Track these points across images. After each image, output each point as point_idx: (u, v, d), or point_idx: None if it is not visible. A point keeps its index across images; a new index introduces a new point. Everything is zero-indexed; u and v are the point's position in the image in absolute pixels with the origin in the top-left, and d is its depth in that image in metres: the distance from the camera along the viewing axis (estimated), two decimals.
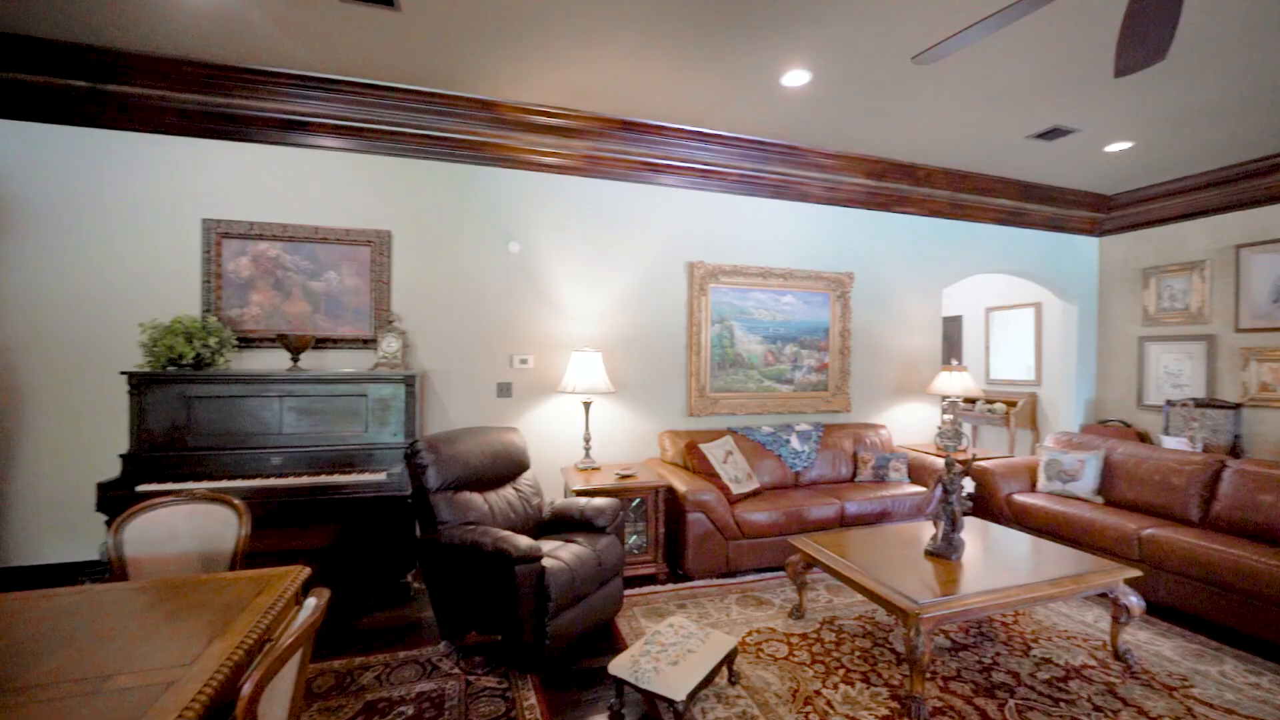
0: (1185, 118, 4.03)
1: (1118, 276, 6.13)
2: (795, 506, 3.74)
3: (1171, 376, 5.65)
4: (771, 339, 4.75)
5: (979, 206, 5.48)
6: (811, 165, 4.72)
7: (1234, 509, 3.27)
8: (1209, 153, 4.72)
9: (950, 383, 4.85)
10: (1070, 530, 3.61)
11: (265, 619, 1.58)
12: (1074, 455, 4.06)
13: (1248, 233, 5.15)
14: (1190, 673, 2.55)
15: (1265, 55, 3.20)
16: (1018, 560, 2.72)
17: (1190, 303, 5.52)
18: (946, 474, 2.86)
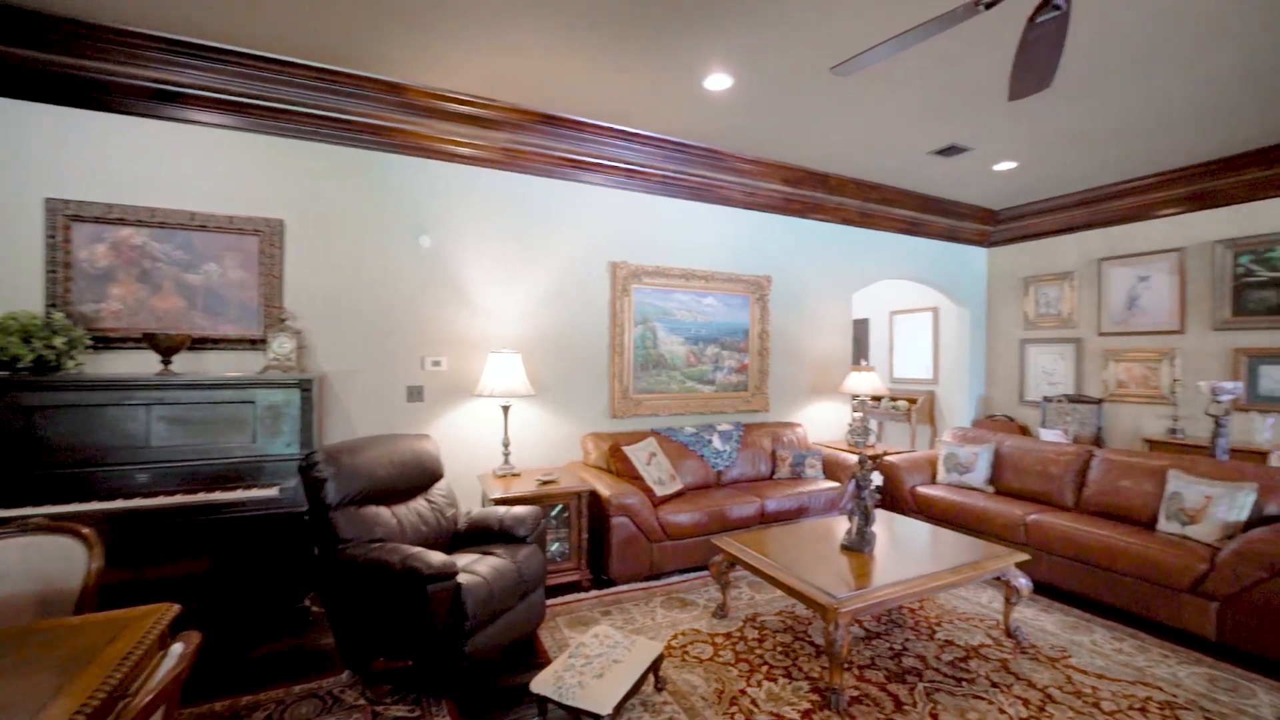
0: (1060, 143, 4.47)
1: (1003, 284, 6.73)
2: (718, 506, 3.78)
3: (1047, 375, 6.27)
4: (693, 340, 4.79)
5: (885, 216, 5.81)
6: (732, 170, 4.80)
7: (1101, 494, 3.65)
8: (1078, 175, 5.27)
9: (860, 382, 5.11)
10: (966, 518, 3.89)
11: (118, 672, 1.34)
12: (969, 449, 4.39)
13: (1108, 248, 5.81)
14: (1069, 644, 2.80)
15: (1128, 91, 3.59)
16: (924, 550, 2.88)
17: (1062, 309, 6.15)
18: (859, 471, 2.98)
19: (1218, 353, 5.07)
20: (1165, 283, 5.39)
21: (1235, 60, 3.25)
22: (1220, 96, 3.70)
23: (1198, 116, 4.03)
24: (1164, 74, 3.41)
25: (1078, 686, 2.43)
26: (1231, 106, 3.85)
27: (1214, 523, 2.98)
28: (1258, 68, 3.33)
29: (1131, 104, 3.81)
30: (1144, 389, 5.51)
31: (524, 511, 2.96)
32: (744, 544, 2.96)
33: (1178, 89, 3.59)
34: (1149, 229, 5.50)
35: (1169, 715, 2.25)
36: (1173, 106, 3.85)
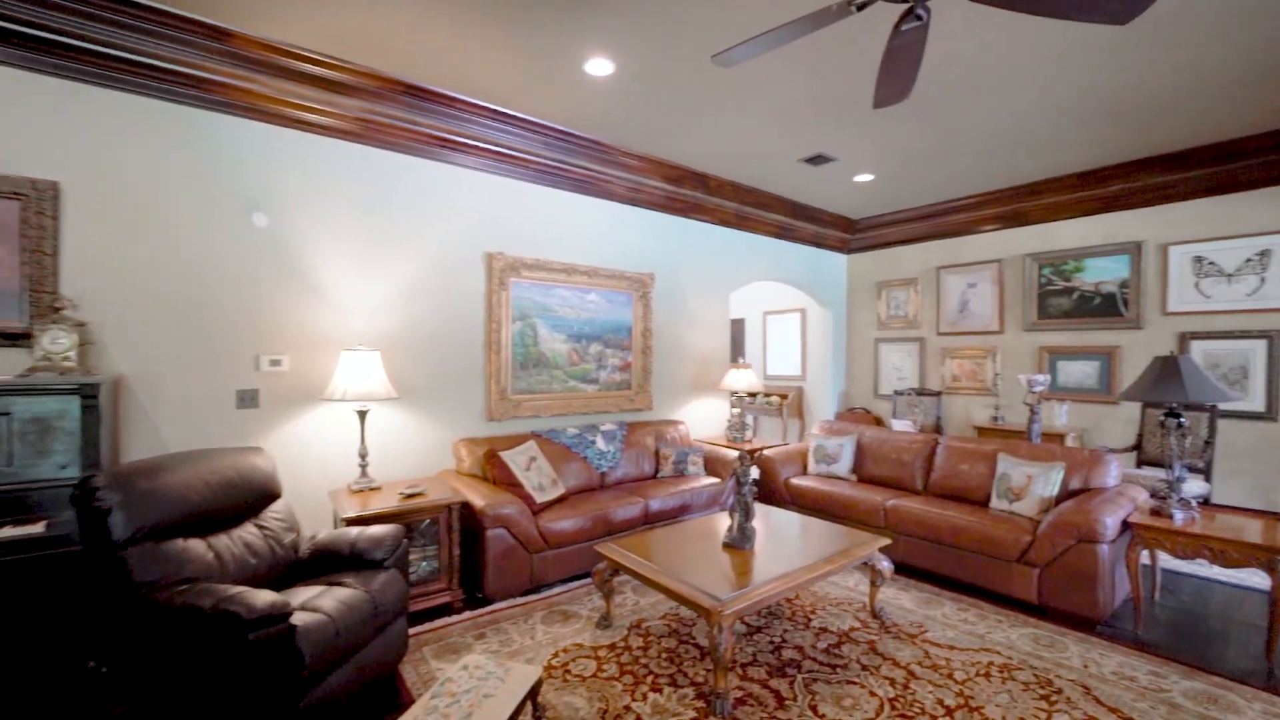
0: (909, 160, 4.92)
1: (860, 288, 7.34)
2: (601, 510, 3.64)
3: (897, 371, 6.94)
4: (576, 338, 4.61)
5: (759, 220, 6.06)
6: (616, 164, 4.69)
7: (945, 478, 4.04)
8: (922, 192, 5.86)
9: (738, 379, 5.26)
10: (834, 506, 4.12)
11: None
12: (835, 441, 4.67)
13: (945, 257, 6.54)
14: (924, 619, 3.04)
15: (958, 117, 4.00)
16: (800, 542, 2.96)
17: (908, 311, 6.84)
18: (739, 468, 2.99)
19: (1028, 350, 5.91)
20: (988, 290, 6.18)
21: (1037, 96, 3.74)
22: (1027, 128, 4.26)
23: (1011, 145, 4.62)
24: (983, 105, 3.84)
25: (934, 660, 2.61)
26: (1036, 138, 4.46)
27: (1034, 499, 3.41)
28: (1057, 102, 3.87)
29: (961, 129, 4.27)
30: (973, 382, 6.28)
31: (382, 531, 2.60)
32: (627, 549, 2.85)
33: (995, 119, 4.08)
34: (976, 242, 6.28)
35: (1007, 676, 2.49)
36: (992, 135, 4.37)
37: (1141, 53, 3.22)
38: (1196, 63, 3.34)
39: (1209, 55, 3.26)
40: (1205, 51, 3.22)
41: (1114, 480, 3.42)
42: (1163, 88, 3.65)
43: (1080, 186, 5.39)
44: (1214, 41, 3.12)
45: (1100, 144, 4.62)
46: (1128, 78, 3.51)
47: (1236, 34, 3.04)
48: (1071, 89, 3.66)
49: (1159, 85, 3.61)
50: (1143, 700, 2.32)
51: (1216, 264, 4.85)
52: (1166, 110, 3.99)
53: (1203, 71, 3.45)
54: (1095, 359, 5.47)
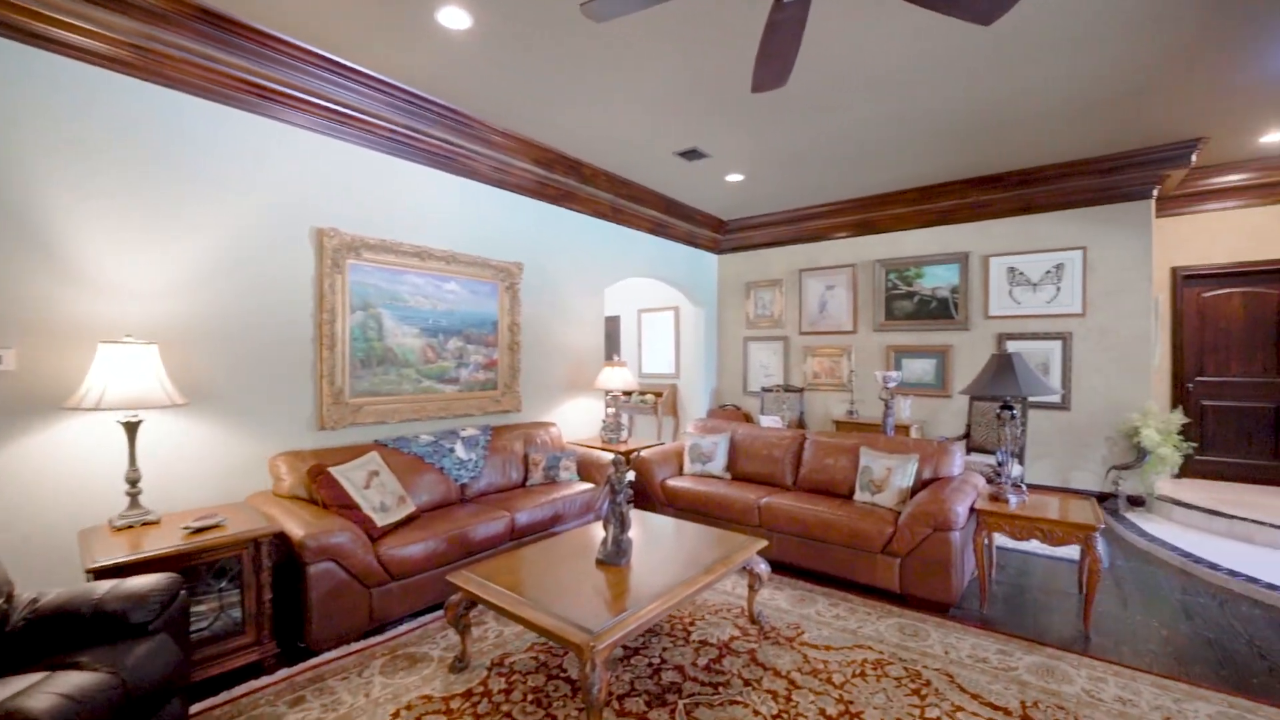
0: (777, 162, 5.01)
1: (730, 288, 7.50)
2: (460, 528, 3.17)
3: (764, 368, 7.17)
4: (432, 331, 4.06)
5: (635, 215, 5.88)
6: (481, 140, 4.21)
7: (813, 473, 4.13)
8: (788, 196, 6.07)
9: (613, 378, 5.02)
10: (710, 507, 4.03)
11: None
12: (709, 439, 4.61)
13: (806, 261, 6.87)
14: (800, 619, 3.00)
15: (818, 125, 4.11)
16: (679, 552, 2.76)
17: (774, 311, 7.09)
18: (614, 474, 2.72)
19: (878, 349, 6.37)
20: (844, 292, 6.59)
21: (894, 108, 3.95)
22: (882, 140, 4.52)
23: (867, 156, 4.89)
24: (847, 112, 3.98)
25: (814, 665, 2.55)
26: (888, 150, 4.76)
27: (894, 490, 3.56)
28: (909, 117, 4.12)
29: (825, 135, 4.41)
30: (831, 379, 6.66)
31: (146, 584, 1.95)
32: (487, 576, 2.44)
33: (856, 128, 4.26)
34: (834, 247, 6.66)
35: (880, 674, 2.48)
36: (852, 143, 4.58)
37: (976, 78, 3.48)
38: (1016, 94, 3.70)
39: (1029, 86, 3.62)
40: (1026, 83, 3.56)
41: (959, 469, 3.69)
42: (989, 113, 4.02)
43: (921, 200, 5.91)
44: (1033, 73, 3.46)
45: (938, 162, 5.06)
46: (962, 101, 3.80)
47: (1051, 67, 3.39)
48: (922, 104, 3.89)
49: (988, 111, 3.97)
50: (997, 681, 2.42)
51: (1025, 274, 5.55)
52: (989, 135, 4.43)
53: (1018, 103, 3.84)
54: (932, 357, 6.04)
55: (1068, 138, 4.54)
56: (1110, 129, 4.37)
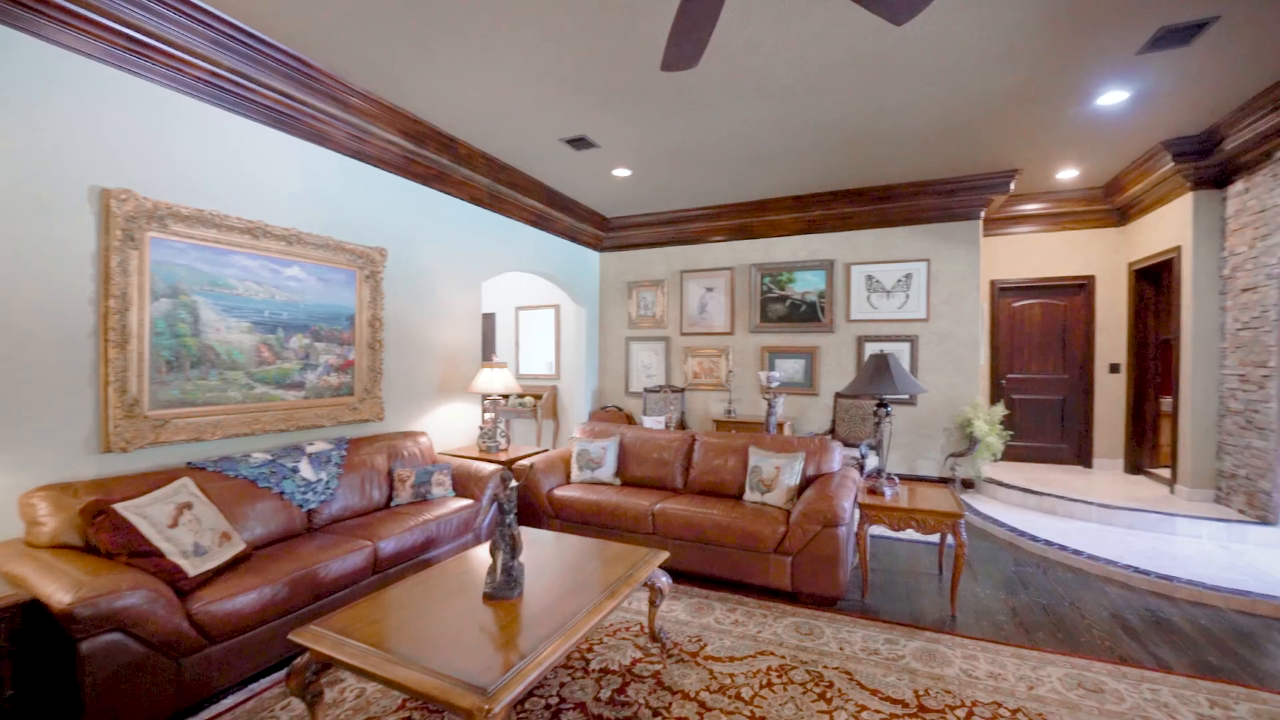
0: (664, 159, 4.93)
1: (612, 287, 7.34)
2: (306, 566, 2.61)
3: (646, 369, 7.11)
4: (269, 326, 3.36)
5: (515, 204, 5.48)
6: (335, 99, 3.57)
7: (703, 474, 4.08)
8: (672, 196, 6.04)
9: (493, 380, 4.60)
10: (602, 516, 3.81)
11: None
12: (598, 444, 4.39)
13: (687, 263, 6.93)
14: (700, 630, 2.89)
15: (705, 125, 4.09)
16: (577, 574, 2.50)
17: (656, 312, 7.07)
18: (503, 492, 2.39)
19: (753, 350, 6.60)
20: (722, 295, 6.74)
21: (780, 114, 4.05)
22: (764, 145, 4.63)
23: (749, 161, 5.00)
24: (736, 113, 4.01)
25: (720, 681, 2.43)
26: (769, 156, 4.90)
27: (783, 489, 3.61)
28: (791, 124, 4.25)
29: (713, 135, 4.41)
30: (710, 379, 6.78)
31: None
32: (344, 629, 1.98)
33: (742, 130, 4.31)
34: (713, 250, 6.79)
35: (786, 680, 2.44)
36: (736, 146, 4.64)
37: (856, 92, 3.66)
38: (888, 112, 3.96)
39: (898, 106, 3.89)
40: (897, 103, 3.82)
41: (838, 464, 3.85)
42: (862, 129, 4.27)
43: (795, 208, 6.22)
44: (904, 95, 3.71)
45: (812, 172, 5.33)
46: (840, 115, 3.98)
47: (920, 91, 3.66)
48: (805, 114, 4.02)
49: (861, 126, 4.21)
50: (890, 673, 2.49)
51: (881, 282, 6.07)
52: (858, 150, 4.73)
53: (888, 121, 4.13)
54: (802, 357, 6.38)
55: (921, 159, 5.00)
56: (954, 154, 4.88)
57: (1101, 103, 3.90)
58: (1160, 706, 2.29)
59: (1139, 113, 4.08)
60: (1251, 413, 4.31)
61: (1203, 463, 4.76)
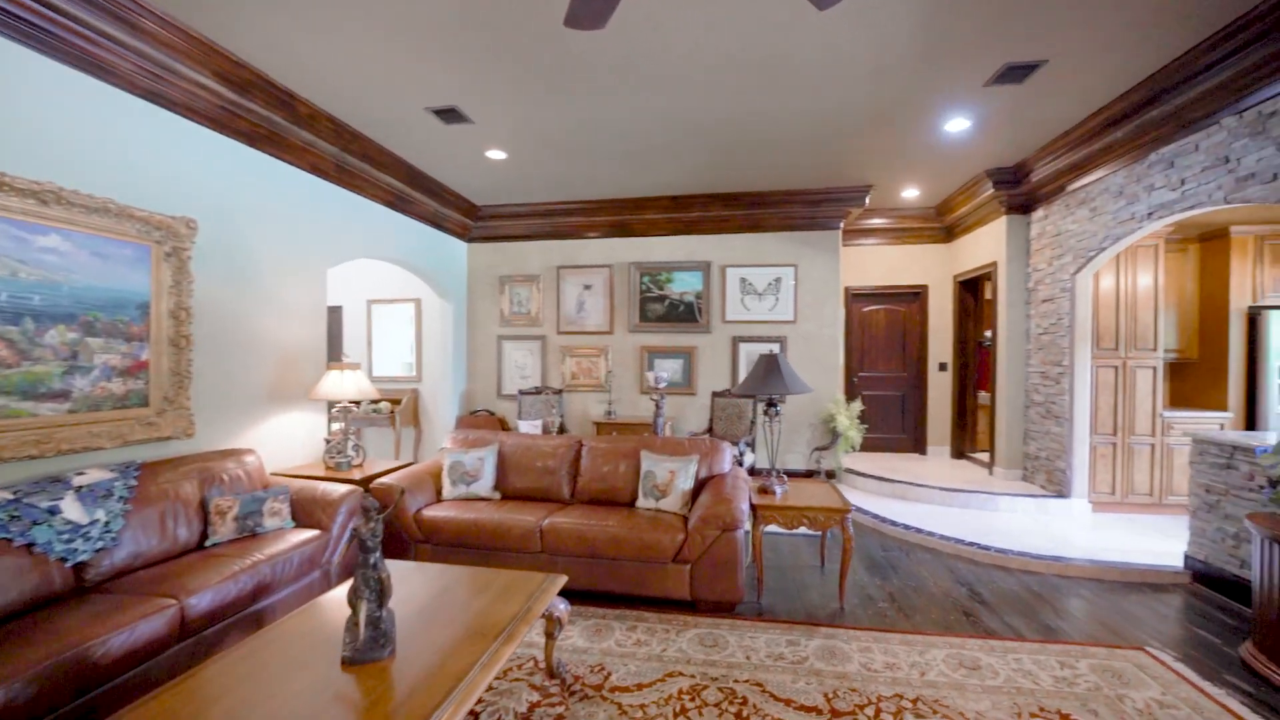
0: (543, 144, 4.58)
1: (482, 281, 6.77)
2: (68, 647, 1.89)
3: (520, 369, 6.66)
4: (9, 315, 2.45)
5: (368, 180, 4.75)
6: (120, 20, 2.72)
7: (592, 482, 3.82)
8: (549, 186, 5.68)
9: (344, 384, 3.90)
10: (482, 536, 3.37)
11: None
12: (474, 454, 3.92)
13: (564, 258, 6.61)
14: (602, 656, 2.62)
15: (604, 106, 3.85)
16: (463, 616, 2.10)
17: (531, 309, 6.65)
18: (364, 527, 1.93)
19: (633, 349, 6.48)
20: (601, 292, 6.53)
21: (665, 105, 3.92)
22: (646, 140, 4.49)
23: (631, 155, 4.84)
24: (623, 101, 3.80)
25: (631, 715, 2.19)
26: (650, 151, 4.78)
27: (678, 494, 3.47)
28: (675, 120, 4.16)
29: (596, 124, 4.17)
30: (589, 379, 6.53)
31: None
32: None
33: (626, 122, 4.12)
34: (591, 246, 6.55)
35: (699, 702, 2.27)
36: (618, 137, 4.45)
37: (742, 92, 3.65)
38: (769, 117, 4.02)
39: (780, 112, 3.95)
40: (779, 108, 3.88)
41: (729, 466, 3.82)
42: (744, 131, 4.31)
43: (673, 209, 6.21)
44: (787, 101, 3.78)
45: (692, 173, 5.32)
46: (725, 114, 3.97)
47: (803, 99, 3.75)
48: (691, 110, 3.93)
49: (743, 128, 4.24)
50: (799, 678, 2.44)
51: (753, 285, 6.28)
52: (738, 154, 4.80)
53: (768, 125, 4.20)
54: (680, 357, 6.40)
55: (792, 168, 5.22)
56: (822, 166, 5.16)
57: (949, 128, 4.33)
58: (1025, 674, 2.50)
59: (973, 142, 4.60)
60: (1050, 404, 5.10)
61: (1013, 447, 5.56)
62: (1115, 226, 4.30)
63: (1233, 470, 3.35)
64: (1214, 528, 3.46)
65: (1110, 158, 4.23)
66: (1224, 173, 3.38)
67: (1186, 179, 3.65)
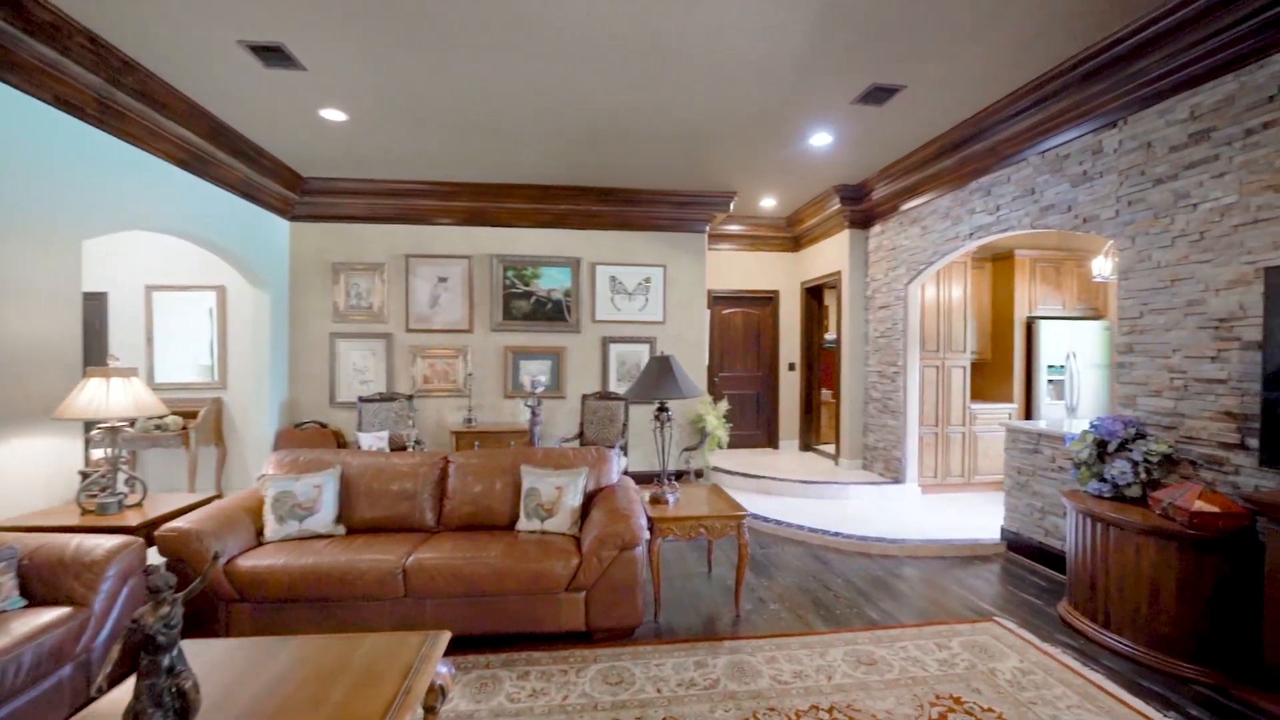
0: (394, 107, 3.90)
1: (310, 268, 5.70)
2: None
3: (360, 373, 5.73)
4: None
5: (151, 128, 3.65)
6: None
7: (463, 505, 3.31)
8: (398, 161, 4.92)
9: (110, 396, 2.89)
10: (325, 586, 2.69)
11: None
12: (308, 481, 3.17)
13: (415, 246, 5.83)
14: (492, 718, 2.20)
15: (466, 67, 3.35)
16: (312, 717, 1.57)
17: (373, 302, 5.76)
18: (151, 613, 1.34)
19: (495, 350, 5.94)
20: (459, 286, 5.88)
21: (541, 79, 3.56)
22: (513, 118, 4.08)
23: (495, 132, 4.36)
24: (486, 64, 3.36)
25: None
26: (519, 132, 4.35)
27: (566, 512, 3.13)
28: (547, 100, 3.80)
29: (455, 88, 3.65)
30: (445, 383, 5.85)
31: None
32: None
33: (490, 92, 3.68)
34: (447, 234, 5.87)
35: None
36: (480, 110, 3.95)
37: (631, 79, 3.43)
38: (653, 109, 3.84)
39: (666, 104, 3.80)
40: (666, 100, 3.73)
41: (617, 475, 3.57)
42: (622, 122, 4.09)
43: (540, 199, 5.79)
44: (676, 94, 3.63)
45: (561, 160, 4.97)
46: (606, 100, 3.72)
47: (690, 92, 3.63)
48: (573, 88, 3.61)
49: (622, 119, 4.02)
50: (715, 707, 2.28)
51: (623, 284, 6.13)
52: (614, 146, 4.57)
53: (650, 118, 4.03)
54: (549, 358, 6.01)
55: (665, 168, 5.15)
56: (694, 168, 5.16)
57: (813, 142, 4.56)
58: (914, 662, 2.62)
59: (830, 157, 4.92)
60: (887, 400, 5.69)
61: (855, 439, 6.11)
62: (943, 244, 4.89)
63: (1039, 454, 3.96)
64: (1024, 503, 4.06)
65: (939, 183, 4.79)
66: (1030, 202, 3.97)
67: (1001, 205, 4.23)
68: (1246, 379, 2.69)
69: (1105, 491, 3.03)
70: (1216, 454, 2.81)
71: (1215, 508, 2.52)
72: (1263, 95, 2.66)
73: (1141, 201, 3.20)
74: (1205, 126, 2.89)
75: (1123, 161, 3.31)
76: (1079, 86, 3.39)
